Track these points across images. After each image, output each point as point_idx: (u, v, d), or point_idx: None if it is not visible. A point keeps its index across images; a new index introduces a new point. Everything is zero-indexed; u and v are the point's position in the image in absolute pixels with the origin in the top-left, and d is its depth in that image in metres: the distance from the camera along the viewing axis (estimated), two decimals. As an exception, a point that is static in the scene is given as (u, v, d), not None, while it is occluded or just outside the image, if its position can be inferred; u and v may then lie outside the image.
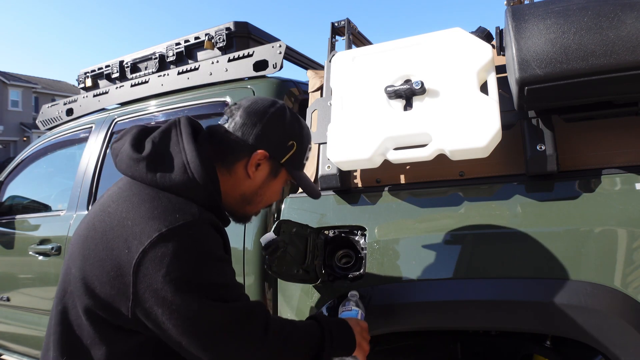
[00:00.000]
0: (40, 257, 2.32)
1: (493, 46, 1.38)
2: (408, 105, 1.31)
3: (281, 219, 1.44)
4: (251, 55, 1.94)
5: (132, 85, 2.35)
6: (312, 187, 1.20)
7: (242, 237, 1.63)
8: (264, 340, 0.94)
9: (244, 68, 1.95)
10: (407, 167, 1.47)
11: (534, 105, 1.23)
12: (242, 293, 0.98)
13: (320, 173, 1.50)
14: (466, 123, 1.21)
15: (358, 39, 2.00)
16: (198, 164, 0.96)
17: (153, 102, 2.22)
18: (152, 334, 0.91)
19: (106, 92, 2.50)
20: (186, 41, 2.27)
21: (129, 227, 0.88)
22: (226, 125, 1.08)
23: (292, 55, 2.24)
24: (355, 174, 1.55)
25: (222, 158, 1.06)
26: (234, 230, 1.64)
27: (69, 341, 0.94)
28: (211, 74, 2.05)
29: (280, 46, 1.90)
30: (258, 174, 1.09)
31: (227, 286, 0.93)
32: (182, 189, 0.94)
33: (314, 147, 1.62)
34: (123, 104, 2.43)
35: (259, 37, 2.20)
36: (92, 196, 2.22)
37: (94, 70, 2.68)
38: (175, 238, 0.86)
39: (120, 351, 0.92)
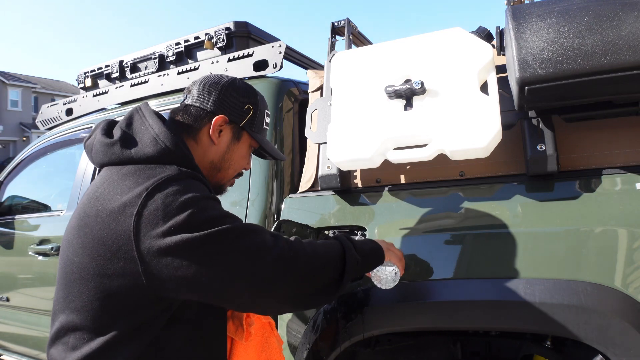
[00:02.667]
0: (40, 257, 2.32)
1: (493, 46, 1.38)
2: (408, 105, 1.31)
3: (281, 219, 1.44)
4: (251, 55, 1.94)
5: (131, 85, 2.35)
6: (275, 150, 1.30)
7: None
8: (275, 247, 0.95)
9: (243, 68, 1.94)
10: (407, 167, 1.47)
11: (534, 105, 1.23)
12: (240, 220, 0.99)
13: (320, 173, 1.50)
14: (466, 123, 1.21)
15: (358, 39, 2.00)
16: (166, 132, 1.03)
17: (153, 102, 2.22)
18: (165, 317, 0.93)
19: (106, 92, 2.49)
20: (186, 41, 2.26)
21: (119, 200, 0.92)
22: (185, 101, 1.17)
23: (292, 55, 2.24)
24: (355, 174, 1.55)
25: (187, 129, 1.13)
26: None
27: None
28: (211, 74, 2.05)
29: (280, 46, 1.90)
30: (222, 139, 1.16)
31: (225, 217, 0.95)
32: (158, 158, 1.00)
33: (314, 147, 1.62)
34: (123, 104, 2.43)
35: (259, 37, 2.20)
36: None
37: (94, 70, 2.68)
38: (161, 191, 0.91)
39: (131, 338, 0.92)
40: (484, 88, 1.26)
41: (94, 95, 2.57)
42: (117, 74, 2.54)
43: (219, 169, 1.18)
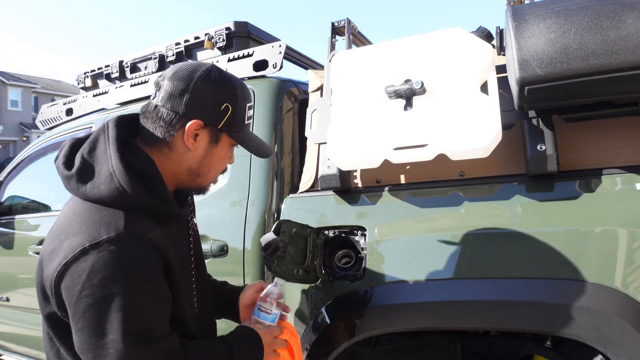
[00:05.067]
0: (40, 257, 2.32)
1: (493, 46, 1.38)
2: (408, 105, 1.31)
3: (281, 219, 1.44)
4: (251, 55, 1.94)
5: (131, 85, 2.35)
6: (260, 146, 1.16)
7: (242, 237, 1.63)
8: None
9: (243, 68, 1.94)
10: (408, 167, 1.47)
11: (534, 105, 1.23)
12: (151, 325, 0.92)
13: (320, 173, 1.50)
14: (466, 123, 1.21)
15: (358, 39, 2.00)
16: (122, 170, 0.94)
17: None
18: None
19: (106, 92, 2.49)
20: (186, 41, 2.26)
21: (60, 242, 0.92)
22: (154, 101, 1.02)
23: (292, 55, 2.24)
24: (355, 174, 1.55)
25: (159, 136, 1.02)
26: (234, 230, 1.65)
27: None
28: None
29: (280, 46, 1.89)
30: (198, 144, 1.04)
31: (137, 312, 0.88)
32: (110, 200, 0.93)
33: (314, 147, 1.62)
34: (123, 104, 2.43)
35: (259, 37, 2.20)
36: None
37: (94, 70, 2.68)
38: (95, 255, 0.87)
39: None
40: (484, 88, 1.26)
41: (94, 95, 2.56)
42: (117, 74, 2.54)
43: (198, 174, 1.08)
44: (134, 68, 2.49)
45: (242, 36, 2.14)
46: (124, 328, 0.86)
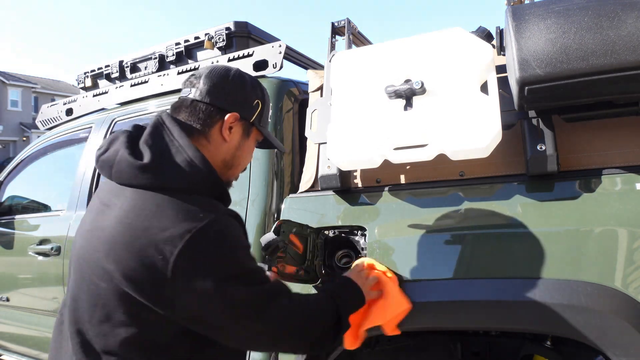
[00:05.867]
0: (40, 257, 2.32)
1: (493, 46, 1.38)
2: (408, 105, 1.31)
3: (281, 219, 1.44)
4: (251, 55, 1.94)
5: (131, 85, 2.35)
6: (279, 142, 1.31)
7: (242, 237, 1.63)
8: (290, 312, 1.02)
9: (243, 68, 1.94)
10: (407, 167, 1.47)
11: (534, 105, 1.23)
12: (266, 275, 1.05)
13: (320, 173, 1.50)
14: (466, 123, 1.21)
15: (358, 39, 2.00)
16: (200, 156, 1.00)
17: (153, 102, 2.22)
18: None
19: (106, 92, 2.49)
20: (186, 41, 2.26)
21: (157, 235, 0.90)
22: (191, 96, 1.10)
23: (292, 55, 2.24)
24: (355, 174, 1.55)
25: (197, 129, 1.09)
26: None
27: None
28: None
29: (280, 46, 1.90)
30: (233, 136, 1.13)
31: (256, 271, 1.01)
32: (194, 187, 0.98)
33: (314, 147, 1.62)
34: (123, 104, 2.43)
35: (259, 37, 2.20)
36: (91, 196, 2.21)
37: (94, 70, 2.68)
38: (204, 237, 0.91)
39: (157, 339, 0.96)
40: (484, 88, 1.26)
41: (94, 95, 2.57)
42: (117, 74, 2.55)
43: (230, 166, 1.16)
44: (134, 68, 2.49)
45: (242, 36, 2.14)
46: (254, 283, 0.98)
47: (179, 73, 2.16)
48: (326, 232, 1.48)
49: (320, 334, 1.08)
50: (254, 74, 1.91)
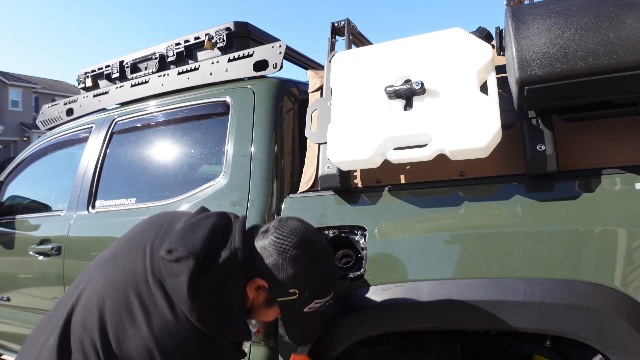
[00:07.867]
0: (40, 257, 2.32)
1: (493, 46, 1.38)
2: (408, 105, 1.31)
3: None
4: (251, 55, 1.94)
5: (132, 85, 2.35)
6: (299, 334, 1.24)
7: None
8: None
9: (244, 68, 1.95)
10: (407, 167, 1.47)
11: (534, 105, 1.23)
12: None
13: (320, 173, 1.50)
14: (466, 123, 1.21)
15: (358, 39, 2.00)
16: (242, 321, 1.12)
17: (153, 102, 2.22)
18: None
19: (106, 92, 2.49)
20: (186, 41, 2.26)
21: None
22: (256, 241, 1.15)
23: (292, 55, 2.24)
24: (355, 174, 1.55)
25: (243, 264, 1.11)
26: (234, 230, 1.64)
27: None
28: (211, 74, 2.05)
29: (280, 46, 1.90)
30: (255, 297, 1.15)
31: None
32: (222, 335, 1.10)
33: (314, 147, 1.62)
34: (123, 104, 2.43)
35: (259, 37, 2.20)
36: (92, 196, 2.22)
37: (94, 70, 2.68)
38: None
39: None
40: (484, 88, 1.26)
41: (94, 96, 2.57)
42: (117, 74, 2.54)
43: (247, 313, 1.18)
44: (134, 68, 2.49)
45: (242, 36, 2.14)
46: None
47: (179, 73, 2.16)
48: (326, 232, 1.48)
49: None
50: (254, 74, 1.92)
